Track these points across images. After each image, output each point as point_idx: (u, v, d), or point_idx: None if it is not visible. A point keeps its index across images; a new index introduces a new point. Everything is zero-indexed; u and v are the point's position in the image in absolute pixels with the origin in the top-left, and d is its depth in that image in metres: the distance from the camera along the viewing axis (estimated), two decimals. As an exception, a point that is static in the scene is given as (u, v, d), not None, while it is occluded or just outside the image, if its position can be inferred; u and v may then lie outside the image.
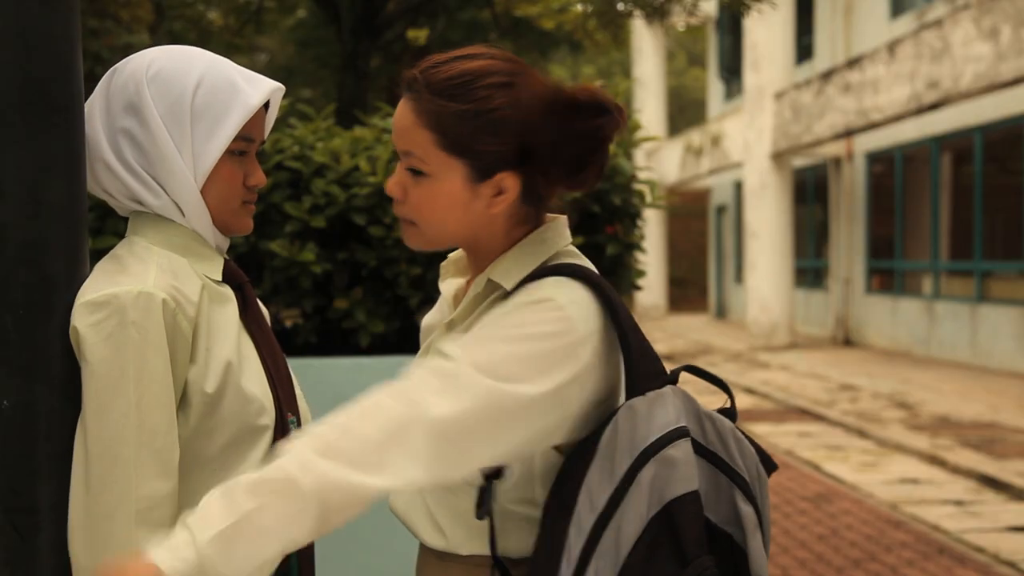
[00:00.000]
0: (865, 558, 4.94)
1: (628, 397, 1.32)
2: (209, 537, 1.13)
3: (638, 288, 3.97)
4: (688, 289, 26.56)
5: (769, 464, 1.39)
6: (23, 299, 1.34)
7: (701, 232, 25.79)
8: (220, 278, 1.49)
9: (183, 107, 1.42)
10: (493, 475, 1.34)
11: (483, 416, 1.24)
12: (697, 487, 1.27)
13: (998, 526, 5.61)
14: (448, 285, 1.54)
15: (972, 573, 4.76)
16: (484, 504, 1.33)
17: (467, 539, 1.39)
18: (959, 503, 6.15)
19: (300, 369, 3.31)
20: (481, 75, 1.34)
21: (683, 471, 1.27)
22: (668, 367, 1.37)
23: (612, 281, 3.77)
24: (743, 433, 1.37)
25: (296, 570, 1.53)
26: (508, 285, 1.37)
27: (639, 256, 3.84)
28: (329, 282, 3.53)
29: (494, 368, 1.25)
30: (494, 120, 1.32)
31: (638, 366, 1.33)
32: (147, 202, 1.45)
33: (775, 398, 10.52)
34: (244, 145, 1.48)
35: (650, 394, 1.31)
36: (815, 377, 12.07)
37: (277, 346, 1.55)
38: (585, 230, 3.51)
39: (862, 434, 8.46)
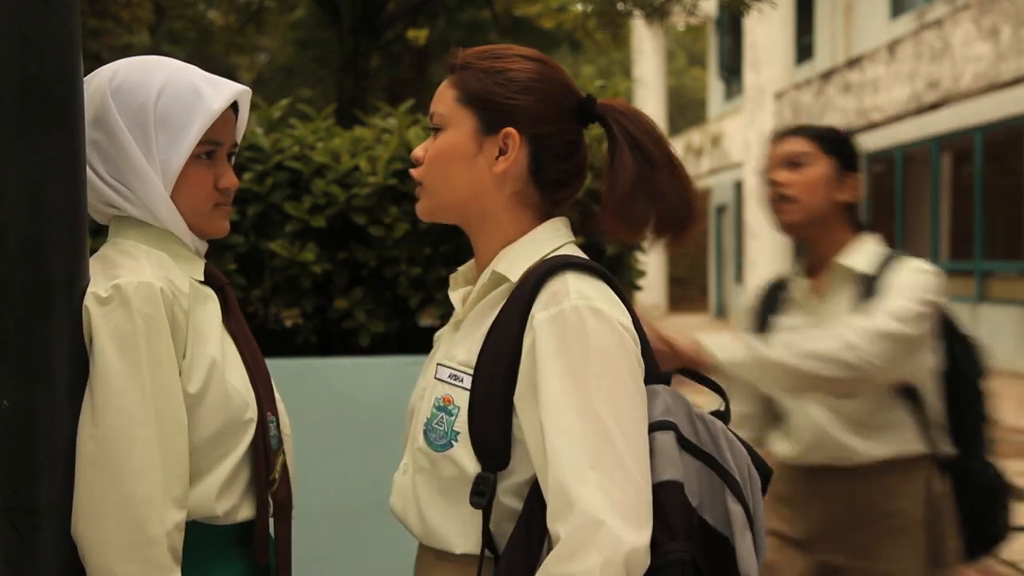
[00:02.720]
0: (865, 558, 4.94)
1: None
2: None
3: (638, 288, 3.97)
4: (688, 289, 26.55)
5: (763, 467, 1.40)
6: (23, 299, 1.34)
7: (701, 232, 25.79)
8: (202, 279, 1.52)
9: (146, 115, 1.46)
10: (497, 465, 1.34)
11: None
12: (680, 479, 1.29)
13: (998, 526, 5.61)
14: (457, 293, 1.55)
15: (972, 573, 4.75)
16: (484, 493, 1.33)
17: (461, 536, 1.38)
18: (959, 503, 6.14)
19: (300, 369, 3.32)
20: (509, 48, 1.47)
21: (666, 457, 1.30)
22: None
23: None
24: (736, 435, 1.39)
25: (274, 568, 1.55)
26: (513, 277, 1.41)
27: (639, 256, 3.84)
28: (329, 282, 3.53)
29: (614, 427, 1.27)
30: (508, 77, 1.42)
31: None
32: (125, 209, 1.49)
33: (775, 398, 10.50)
34: (211, 148, 1.51)
35: (645, 388, 1.35)
36: (815, 377, 12.03)
37: (258, 349, 1.58)
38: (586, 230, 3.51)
39: (862, 434, 8.44)
